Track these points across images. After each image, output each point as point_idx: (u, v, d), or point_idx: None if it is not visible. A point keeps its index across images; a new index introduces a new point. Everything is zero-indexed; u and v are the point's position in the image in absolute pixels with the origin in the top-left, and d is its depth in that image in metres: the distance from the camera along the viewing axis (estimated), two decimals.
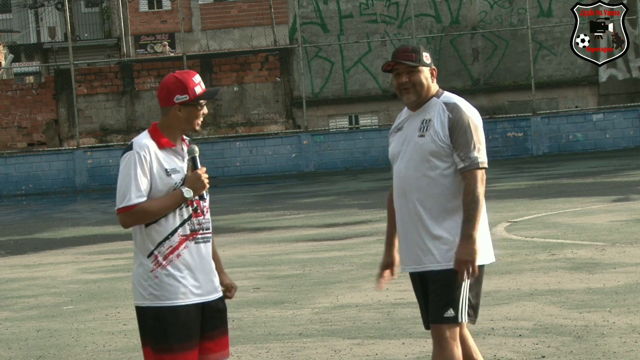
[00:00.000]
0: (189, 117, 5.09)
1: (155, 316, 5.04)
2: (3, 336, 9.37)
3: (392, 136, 5.56)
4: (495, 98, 30.71)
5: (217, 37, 43.51)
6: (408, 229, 5.38)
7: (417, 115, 5.43)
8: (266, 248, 14.32)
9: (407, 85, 5.37)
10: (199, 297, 5.07)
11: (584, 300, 9.03)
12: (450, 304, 5.28)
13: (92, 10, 49.48)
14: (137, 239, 5.08)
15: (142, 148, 5.02)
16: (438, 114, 5.36)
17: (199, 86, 5.09)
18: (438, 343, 5.33)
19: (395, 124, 5.56)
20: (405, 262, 5.44)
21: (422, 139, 5.34)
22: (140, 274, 5.07)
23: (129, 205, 4.96)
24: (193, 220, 5.08)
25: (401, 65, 5.37)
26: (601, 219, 14.45)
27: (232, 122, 31.07)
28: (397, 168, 5.44)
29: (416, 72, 5.36)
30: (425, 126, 5.35)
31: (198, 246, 5.09)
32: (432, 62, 5.45)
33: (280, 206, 20.67)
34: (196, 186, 5.05)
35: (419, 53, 5.39)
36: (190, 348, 5.04)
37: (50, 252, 15.84)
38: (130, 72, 31.13)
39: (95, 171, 29.19)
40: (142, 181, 4.97)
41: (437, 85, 5.47)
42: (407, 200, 5.37)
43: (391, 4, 31.34)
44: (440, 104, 5.40)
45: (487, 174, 5.39)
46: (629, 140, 29.14)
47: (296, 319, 9.11)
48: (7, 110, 30.82)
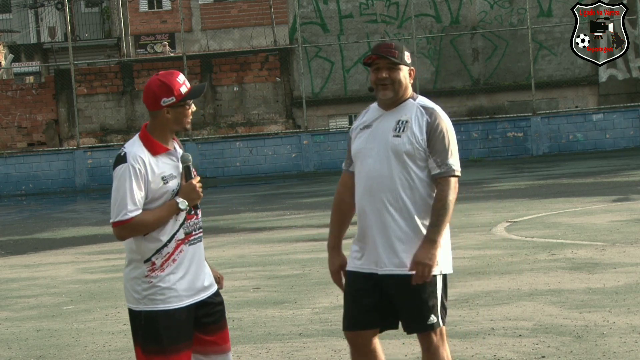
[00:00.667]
0: (177, 118, 5.07)
1: (148, 320, 5.03)
2: (3, 336, 9.37)
3: (356, 133, 5.41)
4: (495, 98, 30.70)
5: (217, 37, 43.52)
6: (374, 229, 5.26)
7: (390, 114, 5.32)
8: (266, 248, 14.31)
9: (386, 82, 5.28)
10: (191, 297, 5.07)
11: (584, 300, 9.03)
12: (431, 310, 5.24)
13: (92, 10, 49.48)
14: (132, 243, 5.07)
15: (135, 160, 4.97)
16: (416, 117, 5.27)
17: (184, 86, 5.06)
18: (428, 350, 5.31)
19: (361, 121, 5.42)
20: (366, 263, 5.30)
21: (397, 139, 5.25)
22: (134, 277, 5.06)
23: (125, 219, 4.94)
24: (188, 222, 5.08)
25: (382, 60, 5.28)
26: (601, 219, 14.45)
27: (232, 122, 31.07)
28: (366, 166, 5.31)
29: (396, 70, 5.27)
30: (402, 127, 5.26)
31: (191, 247, 5.09)
32: (412, 62, 5.38)
33: (280, 206, 20.66)
34: (191, 196, 5.05)
35: (402, 51, 5.31)
36: (183, 349, 5.05)
37: (50, 252, 15.84)
38: (130, 72, 31.13)
39: (95, 171, 29.18)
40: (137, 194, 4.95)
41: (412, 89, 5.39)
42: (375, 200, 5.26)
43: (391, 4, 31.33)
44: (417, 106, 5.31)
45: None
46: (629, 140, 29.14)
47: (296, 319, 9.11)
48: (7, 110, 30.82)
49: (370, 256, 5.28)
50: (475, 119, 29.57)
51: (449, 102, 30.20)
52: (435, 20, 31.20)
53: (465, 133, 29.06)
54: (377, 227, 5.27)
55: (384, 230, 5.25)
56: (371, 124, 5.36)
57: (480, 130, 29.14)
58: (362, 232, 5.34)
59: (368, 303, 5.32)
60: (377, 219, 5.26)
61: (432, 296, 5.25)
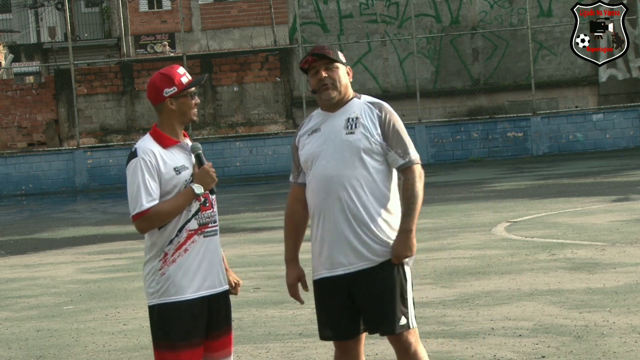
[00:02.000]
0: (182, 109, 5.10)
1: (159, 313, 5.05)
2: (3, 336, 9.37)
3: (304, 139, 5.34)
4: (495, 98, 30.69)
5: (217, 37, 43.51)
6: (338, 230, 5.21)
7: (337, 115, 5.29)
8: (266, 248, 14.32)
9: (327, 81, 5.25)
10: (204, 290, 5.08)
11: (584, 300, 9.03)
12: (400, 312, 5.21)
13: (92, 10, 49.48)
14: (148, 240, 5.10)
15: (145, 153, 5.02)
16: (365, 112, 5.26)
17: (185, 76, 5.12)
18: (402, 351, 5.27)
19: (307, 127, 5.36)
20: (330, 266, 5.24)
21: (351, 136, 5.21)
22: (148, 272, 5.09)
23: (141, 210, 4.97)
24: (202, 214, 5.10)
25: (318, 62, 5.26)
26: (601, 219, 14.45)
27: (232, 122, 31.07)
28: (321, 168, 5.24)
29: (334, 69, 5.26)
30: (353, 124, 5.23)
31: (207, 239, 5.11)
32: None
33: (280, 206, 20.61)
34: (205, 181, 5.08)
35: (335, 51, 5.30)
36: (193, 346, 5.04)
37: (50, 252, 15.84)
38: (130, 72, 31.13)
39: (95, 171, 29.18)
40: (151, 185, 4.98)
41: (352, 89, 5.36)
42: (335, 200, 5.20)
43: (391, 4, 31.33)
44: (363, 103, 5.31)
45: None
46: (628, 140, 29.13)
47: (296, 319, 9.11)
48: (7, 110, 30.82)
49: (340, 257, 5.22)
50: (475, 119, 29.57)
51: (449, 102, 30.21)
52: (435, 20, 31.19)
53: (465, 133, 29.06)
54: (337, 228, 5.22)
55: (344, 229, 5.20)
56: (319, 128, 5.31)
57: (480, 130, 29.13)
58: (322, 235, 5.27)
59: (342, 310, 5.26)
60: (337, 219, 5.21)
61: (400, 296, 5.22)
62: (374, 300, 5.21)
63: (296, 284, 5.41)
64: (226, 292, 5.18)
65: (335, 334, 5.32)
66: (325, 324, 5.33)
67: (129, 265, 13.44)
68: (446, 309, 9.04)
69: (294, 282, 5.40)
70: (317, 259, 5.31)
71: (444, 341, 7.79)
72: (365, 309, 5.24)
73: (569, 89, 30.70)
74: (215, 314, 5.10)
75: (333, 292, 5.26)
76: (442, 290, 9.85)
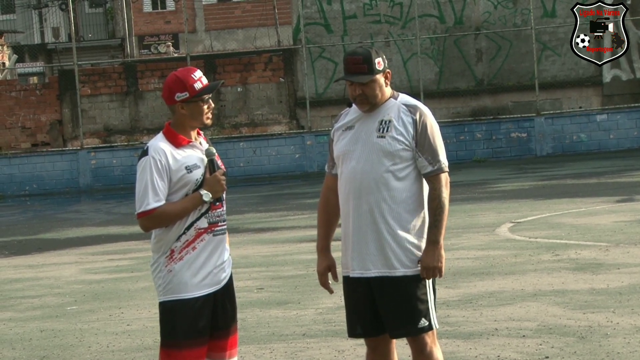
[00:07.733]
0: (193, 114, 5.10)
1: (165, 310, 5.07)
2: (7, 336, 9.38)
3: (338, 134, 5.35)
4: (499, 98, 30.67)
5: (221, 37, 43.54)
6: (363, 232, 5.21)
7: (372, 115, 5.26)
8: (270, 248, 14.32)
9: (362, 97, 5.22)
10: (209, 287, 5.09)
11: (588, 300, 9.03)
12: (421, 314, 5.21)
13: (96, 11, 49.53)
14: (154, 237, 5.11)
15: (157, 152, 5.03)
16: (399, 116, 5.22)
17: (199, 82, 5.09)
18: (420, 352, 5.27)
19: (343, 121, 5.36)
20: (355, 266, 5.26)
21: (382, 139, 5.19)
22: (156, 270, 5.11)
23: (147, 209, 4.98)
24: (212, 212, 5.11)
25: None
26: (605, 220, 14.44)
27: (235, 123, 31.07)
28: (351, 168, 5.26)
29: (369, 84, 5.21)
30: (385, 127, 5.20)
31: (215, 238, 5.13)
32: (386, 64, 5.24)
33: (284, 206, 20.66)
34: (215, 189, 5.08)
35: (371, 62, 5.20)
36: (197, 345, 5.04)
37: (54, 253, 15.85)
38: (134, 73, 31.14)
39: (99, 171, 29.19)
40: (159, 185, 4.99)
41: (391, 89, 5.32)
42: (363, 202, 5.20)
43: (395, 5, 31.32)
44: (399, 105, 5.26)
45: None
46: (632, 140, 29.11)
47: (300, 320, 9.12)
48: (11, 111, 30.83)
49: (365, 258, 5.23)
50: (479, 119, 29.55)
51: (453, 103, 30.19)
52: (439, 20, 31.18)
53: (469, 133, 29.05)
54: (363, 230, 5.22)
55: (370, 232, 5.21)
56: (353, 125, 5.30)
57: (484, 131, 29.12)
58: (347, 235, 5.29)
59: (363, 310, 5.28)
60: (363, 222, 5.22)
61: (421, 297, 5.23)
62: (395, 302, 5.21)
63: (326, 273, 5.43)
64: (230, 286, 5.20)
65: (364, 331, 5.34)
66: (354, 322, 5.35)
67: (132, 266, 13.45)
68: (450, 309, 9.04)
69: (324, 271, 5.43)
70: (344, 256, 5.35)
71: (447, 341, 7.79)
72: (387, 314, 5.25)
73: (572, 90, 30.68)
74: (221, 312, 5.11)
75: (358, 291, 5.29)
76: (446, 290, 9.84)
